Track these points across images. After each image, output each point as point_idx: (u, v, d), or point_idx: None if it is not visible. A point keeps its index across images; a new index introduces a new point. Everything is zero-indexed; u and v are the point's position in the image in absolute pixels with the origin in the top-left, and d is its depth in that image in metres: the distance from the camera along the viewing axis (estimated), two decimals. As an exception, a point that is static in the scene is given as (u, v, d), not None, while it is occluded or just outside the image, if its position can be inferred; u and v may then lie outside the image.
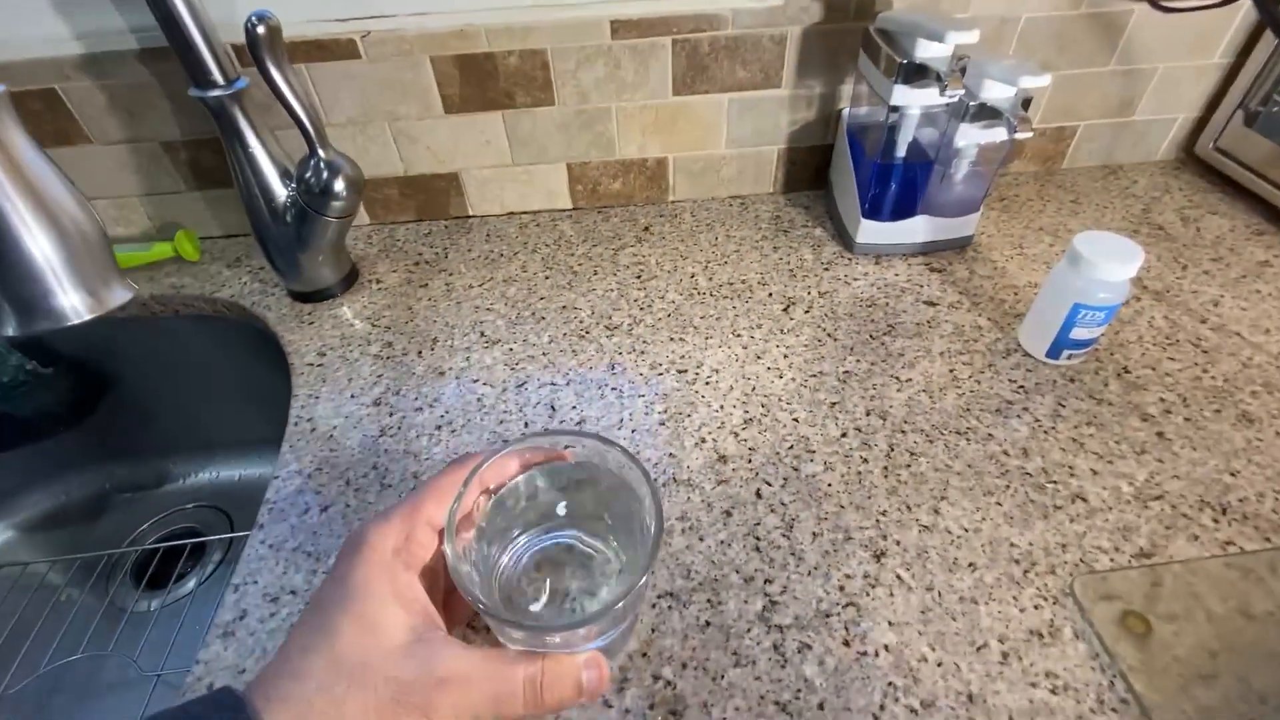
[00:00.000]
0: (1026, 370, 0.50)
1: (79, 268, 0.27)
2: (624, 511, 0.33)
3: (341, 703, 0.24)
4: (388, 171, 0.65)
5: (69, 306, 0.27)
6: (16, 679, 0.59)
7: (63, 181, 0.28)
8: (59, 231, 0.27)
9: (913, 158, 0.57)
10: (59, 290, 0.26)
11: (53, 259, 0.26)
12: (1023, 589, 0.37)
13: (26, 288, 0.26)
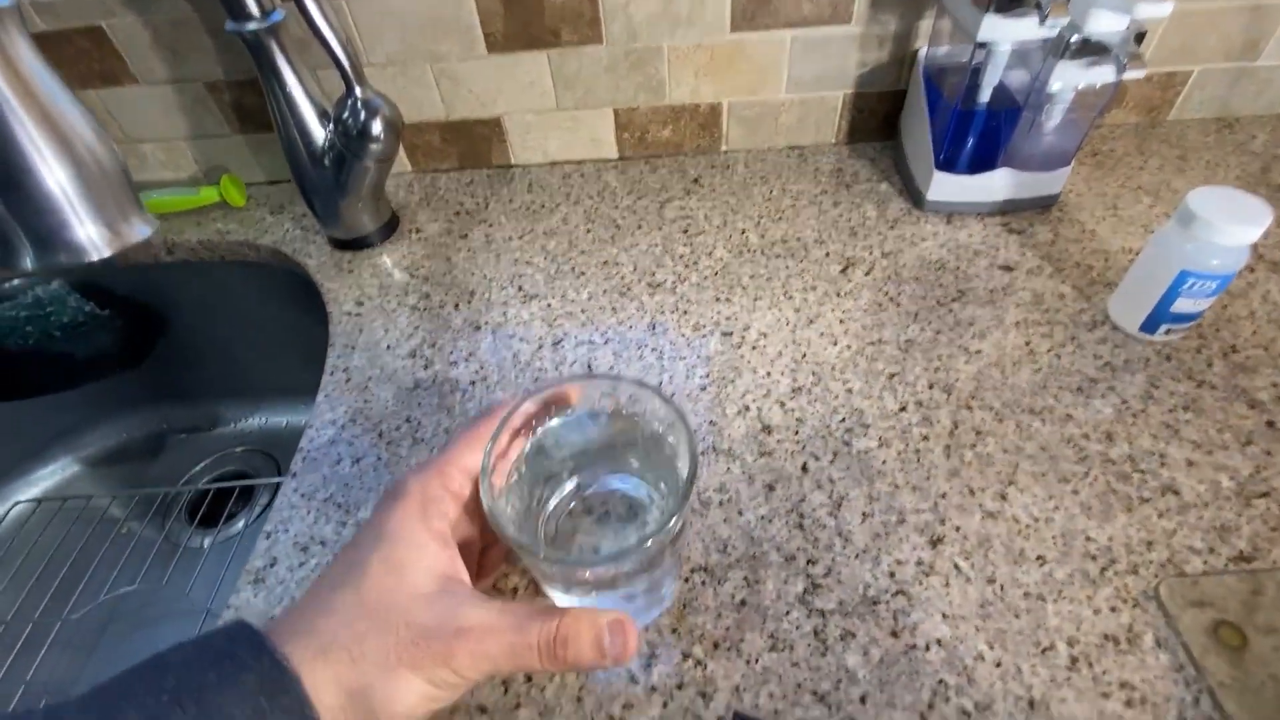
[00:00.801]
0: (1115, 346, 0.45)
1: (96, 199, 0.26)
2: (666, 459, 0.31)
3: (363, 639, 0.24)
4: (429, 115, 0.63)
5: (87, 240, 0.26)
6: (79, 605, 0.62)
7: (79, 109, 0.27)
8: (75, 160, 0.26)
9: (998, 103, 0.51)
10: (76, 222, 0.25)
11: (68, 189, 0.25)
12: (1098, 588, 0.33)
13: (42, 219, 0.25)
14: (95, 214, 0.26)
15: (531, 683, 0.32)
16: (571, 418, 0.32)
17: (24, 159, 0.24)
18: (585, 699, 0.31)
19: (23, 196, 0.25)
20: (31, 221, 0.25)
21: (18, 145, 0.24)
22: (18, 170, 0.24)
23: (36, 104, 0.24)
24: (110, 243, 0.26)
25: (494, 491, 0.28)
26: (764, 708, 0.30)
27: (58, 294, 0.64)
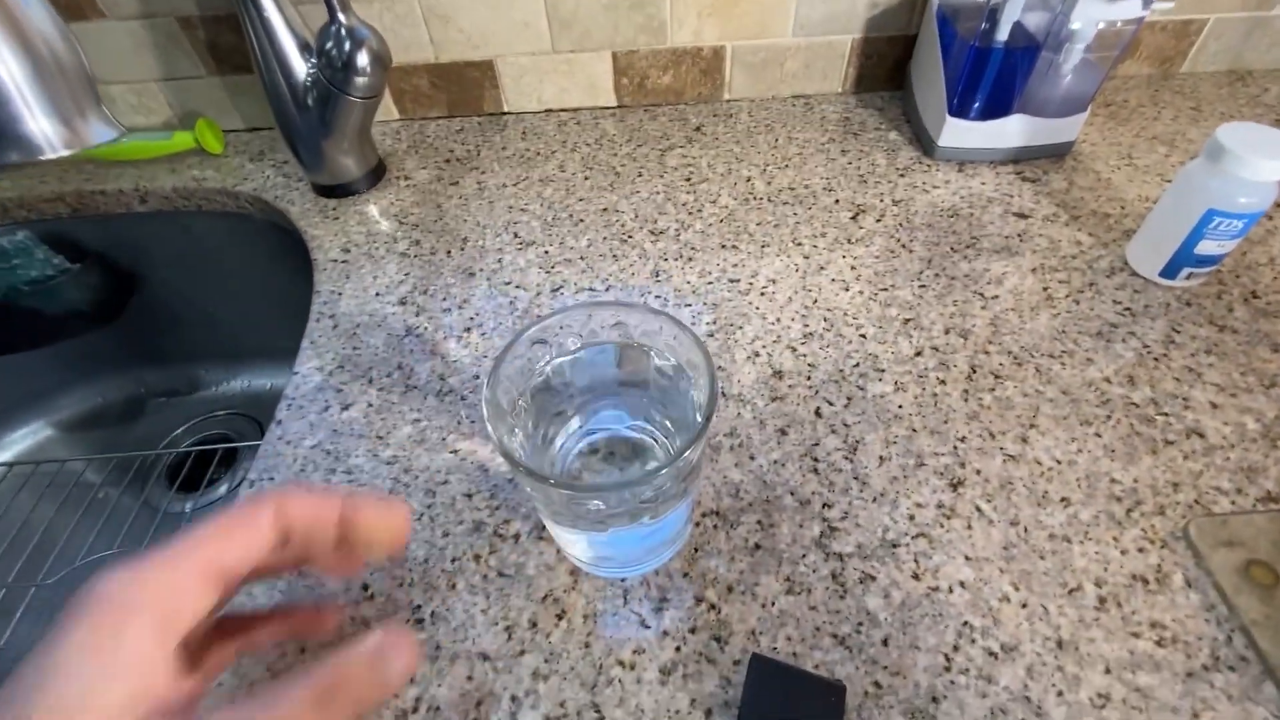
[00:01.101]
0: (1134, 291, 0.43)
1: (51, 94, 0.23)
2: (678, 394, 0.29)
3: None
4: (417, 57, 0.59)
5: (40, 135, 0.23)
6: (53, 571, 0.60)
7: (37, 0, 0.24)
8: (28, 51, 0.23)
9: (1015, 43, 0.49)
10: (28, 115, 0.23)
11: (19, 79, 0.22)
12: (1125, 529, 0.32)
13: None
14: (50, 109, 0.23)
15: (537, 628, 0.30)
16: (582, 354, 0.30)
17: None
18: (593, 644, 0.29)
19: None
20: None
21: (-43, 25, 0.21)
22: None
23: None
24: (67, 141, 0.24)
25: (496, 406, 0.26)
26: (782, 651, 0.29)
27: (24, 245, 0.61)
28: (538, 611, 0.31)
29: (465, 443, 0.37)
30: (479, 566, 0.32)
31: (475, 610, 0.31)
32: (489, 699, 0.28)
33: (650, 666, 0.29)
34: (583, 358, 0.30)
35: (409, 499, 0.35)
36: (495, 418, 0.25)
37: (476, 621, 0.30)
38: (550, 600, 0.31)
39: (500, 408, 0.26)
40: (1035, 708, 0.27)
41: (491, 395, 0.26)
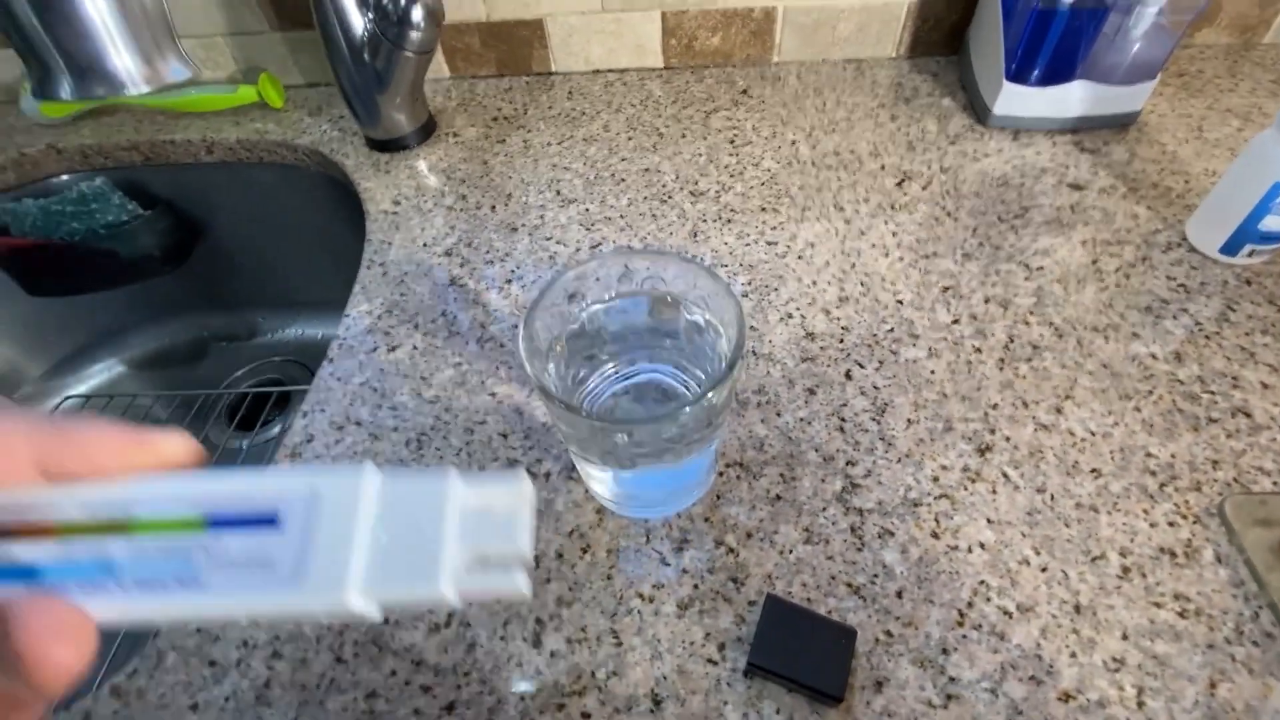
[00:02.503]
0: (1191, 267, 0.42)
1: (134, 33, 0.25)
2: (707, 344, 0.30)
3: None
4: (469, 15, 0.60)
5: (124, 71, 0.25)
6: (127, 491, 0.65)
7: (118, -61, 0.25)
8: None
9: (1082, 4, 0.47)
10: (113, 52, 0.24)
11: (106, 17, 0.24)
12: (1156, 503, 0.32)
13: (80, 46, 0.24)
14: (133, 47, 0.25)
15: (563, 559, 0.32)
16: (615, 302, 0.31)
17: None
18: (615, 578, 0.31)
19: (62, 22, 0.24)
20: (70, 49, 0.24)
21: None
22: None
23: (73, -79, 0.23)
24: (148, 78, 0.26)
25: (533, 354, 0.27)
26: (797, 595, 0.30)
27: (102, 190, 0.65)
28: (564, 545, 0.32)
29: (503, 387, 0.39)
30: (511, 501, 0.34)
31: (506, 540, 0.32)
32: (515, 619, 0.30)
33: (668, 601, 0.30)
34: (617, 305, 0.31)
35: (449, 437, 0.37)
36: (531, 354, 0.27)
37: (507, 550, 0.32)
38: (576, 535, 0.32)
39: (537, 347, 0.28)
40: (1046, 666, 0.27)
41: (528, 333, 0.27)
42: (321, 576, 0.14)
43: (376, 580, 0.14)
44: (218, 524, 0.15)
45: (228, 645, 0.30)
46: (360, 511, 0.15)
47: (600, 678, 0.28)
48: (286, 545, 0.15)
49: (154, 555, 0.15)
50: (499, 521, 0.15)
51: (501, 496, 0.16)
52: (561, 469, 0.35)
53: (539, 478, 0.35)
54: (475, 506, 0.15)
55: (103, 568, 0.14)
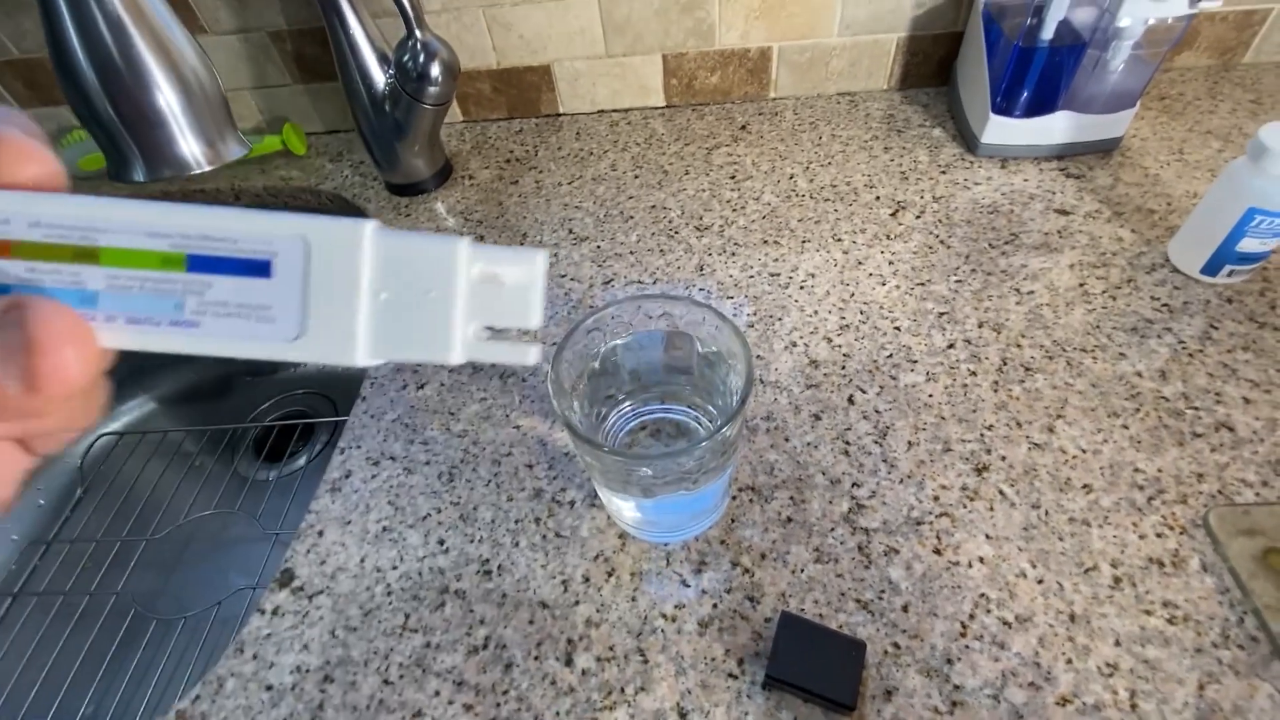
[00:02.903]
0: (1174, 288, 0.44)
1: (199, 119, 0.28)
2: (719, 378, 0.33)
3: None
4: (480, 63, 0.64)
5: (190, 155, 0.28)
6: (160, 527, 0.68)
7: (186, 35, 0.29)
8: (182, 82, 0.28)
9: (1060, 41, 0.50)
10: (181, 139, 0.27)
11: (176, 108, 0.27)
12: (1145, 516, 0.34)
13: (153, 135, 0.27)
14: (198, 132, 0.28)
15: (589, 583, 0.34)
16: (631, 339, 0.33)
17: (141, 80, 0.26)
18: (639, 599, 0.33)
19: (138, 114, 0.27)
20: (144, 137, 0.27)
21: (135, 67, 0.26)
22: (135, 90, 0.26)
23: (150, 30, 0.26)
24: (211, 159, 0.29)
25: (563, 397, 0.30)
26: (809, 612, 0.32)
27: (135, 238, 0.68)
28: (590, 569, 0.34)
29: (526, 419, 0.42)
30: (539, 528, 0.36)
31: (536, 565, 0.35)
32: (548, 640, 0.32)
33: (690, 620, 0.32)
34: (633, 344, 0.34)
35: (478, 468, 0.39)
36: (558, 394, 0.29)
37: (537, 575, 0.34)
38: (601, 559, 0.35)
39: (562, 386, 0.30)
40: (1044, 673, 0.29)
41: (555, 375, 0.30)
42: (326, 330, 0.14)
43: (383, 339, 0.14)
44: (201, 265, 0.14)
45: (282, 670, 0.33)
46: (362, 270, 0.14)
47: (629, 693, 0.30)
48: (283, 297, 0.14)
49: (136, 291, 0.13)
50: (511, 294, 0.15)
51: (514, 269, 0.15)
52: (585, 497, 0.37)
53: (564, 505, 0.37)
54: (486, 278, 0.14)
55: (82, 297, 0.13)
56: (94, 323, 0.13)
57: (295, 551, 0.37)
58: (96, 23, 0.26)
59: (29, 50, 0.65)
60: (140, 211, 0.13)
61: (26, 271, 0.13)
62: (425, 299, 0.14)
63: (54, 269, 0.13)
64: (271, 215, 0.14)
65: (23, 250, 0.13)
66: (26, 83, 0.67)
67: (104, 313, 0.13)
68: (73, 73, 0.26)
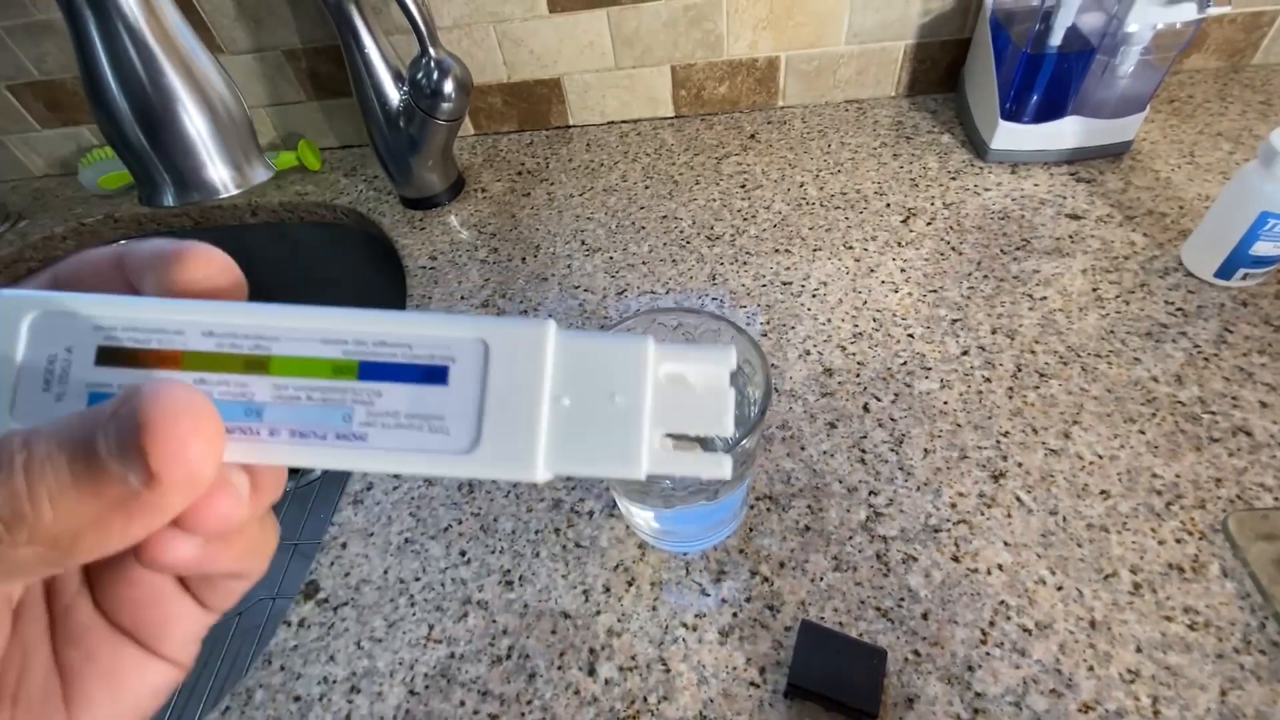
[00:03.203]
0: (1188, 291, 0.44)
1: (226, 144, 0.29)
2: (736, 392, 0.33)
3: None
4: (491, 78, 0.65)
5: (218, 180, 0.28)
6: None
7: (212, 61, 0.29)
8: (210, 109, 0.28)
9: (1069, 47, 0.50)
10: (209, 164, 0.28)
11: (204, 134, 0.28)
12: (1163, 521, 0.34)
13: (183, 161, 0.28)
14: (226, 157, 0.29)
15: (610, 593, 0.34)
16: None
17: (171, 107, 0.27)
18: (660, 608, 0.33)
19: (168, 141, 0.28)
20: (174, 163, 0.28)
21: (165, 95, 0.27)
22: (165, 117, 0.27)
23: (180, 58, 0.27)
24: (238, 183, 0.29)
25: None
26: (829, 620, 0.32)
27: (155, 254, 0.69)
28: (610, 578, 0.35)
29: (543, 431, 0.42)
30: (559, 538, 0.37)
31: (557, 575, 0.35)
32: (570, 650, 0.33)
33: (710, 629, 0.33)
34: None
35: (496, 480, 0.40)
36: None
37: (558, 585, 0.35)
38: (621, 569, 0.35)
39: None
40: (1066, 680, 0.29)
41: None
42: (504, 440, 0.13)
43: (565, 453, 0.13)
44: (373, 372, 0.13)
45: (309, 682, 0.33)
46: (544, 374, 0.13)
47: (652, 703, 0.31)
48: (458, 406, 0.13)
49: (303, 401, 0.13)
50: (700, 399, 0.14)
51: (703, 368, 0.14)
52: (603, 507, 0.38)
53: (583, 516, 0.38)
54: (673, 379, 0.14)
55: (247, 410, 0.13)
56: (258, 438, 0.13)
57: (319, 563, 0.38)
58: (128, 52, 0.26)
59: (50, 72, 0.66)
60: (317, 318, 0.13)
61: (194, 384, 0.13)
62: (610, 404, 0.13)
63: (222, 380, 0.13)
64: (450, 318, 0.13)
65: (193, 361, 0.13)
66: (48, 104, 0.69)
67: (268, 425, 0.13)
68: (105, 100, 0.27)
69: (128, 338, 0.13)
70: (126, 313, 0.13)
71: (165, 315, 0.13)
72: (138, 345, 0.13)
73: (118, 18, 0.24)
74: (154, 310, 0.13)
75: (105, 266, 0.14)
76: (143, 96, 0.26)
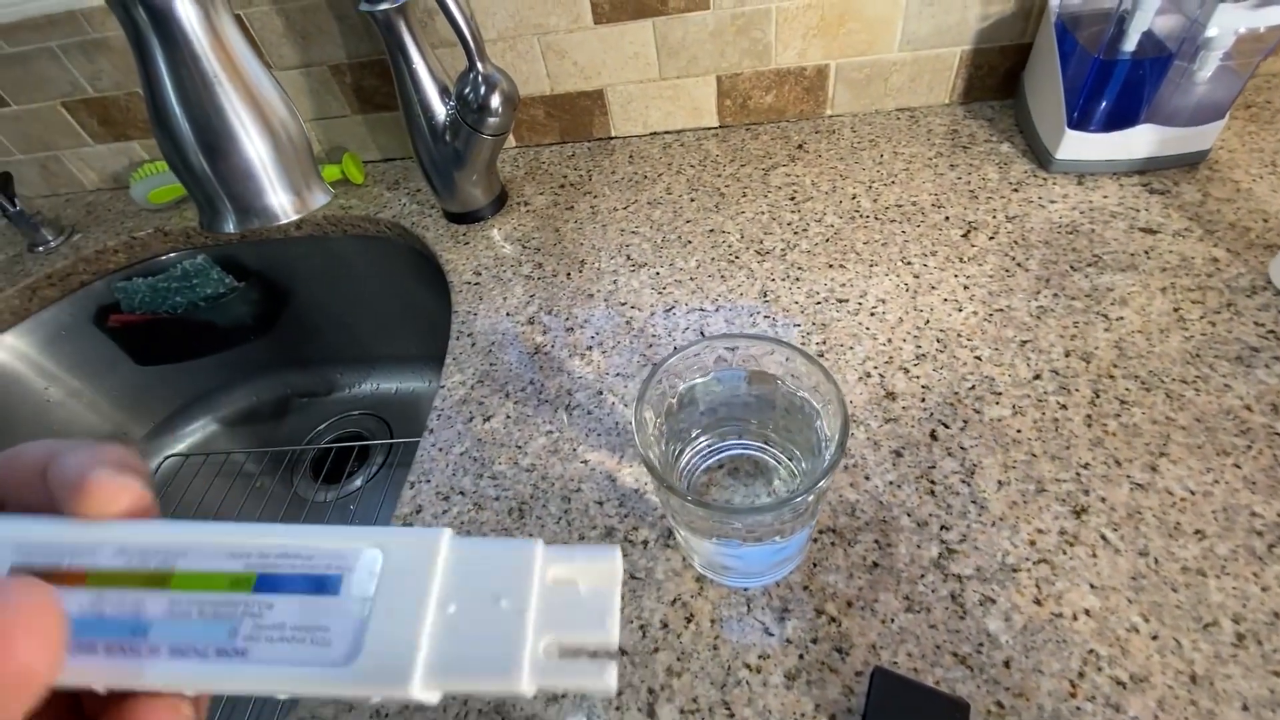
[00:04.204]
0: (1279, 312, 0.41)
1: (287, 169, 0.28)
2: (803, 421, 0.31)
3: None
4: (534, 90, 0.64)
5: (279, 206, 0.28)
6: (228, 547, 0.69)
7: (274, 85, 0.29)
8: (272, 134, 0.28)
9: (1143, 53, 0.47)
10: (270, 190, 0.28)
11: (266, 160, 0.28)
12: (1266, 565, 0.31)
13: (245, 186, 0.28)
14: (286, 182, 0.28)
15: (668, 629, 0.33)
16: (711, 378, 0.33)
17: (233, 133, 0.27)
18: (721, 647, 0.32)
19: (231, 167, 0.27)
20: (235, 189, 0.28)
21: (228, 120, 0.26)
22: (227, 142, 0.27)
23: (243, 82, 0.27)
24: (297, 208, 0.29)
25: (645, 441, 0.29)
26: (903, 666, 0.30)
27: (202, 267, 0.70)
28: (668, 614, 0.34)
29: (594, 454, 0.41)
30: (613, 569, 0.36)
31: (612, 609, 0.34)
32: (629, 690, 0.31)
33: (775, 671, 0.31)
34: (714, 384, 0.33)
35: (548, 505, 0.39)
36: (645, 445, 0.28)
37: (614, 620, 0.34)
38: (679, 604, 0.34)
39: (646, 435, 0.29)
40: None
41: (639, 420, 0.29)
42: (382, 659, 0.13)
43: (445, 667, 0.13)
44: (269, 584, 0.13)
45: (361, 714, 0.32)
46: (433, 582, 0.13)
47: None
48: (344, 617, 0.13)
49: (193, 617, 0.13)
50: (586, 604, 0.14)
51: (589, 573, 0.14)
52: (658, 536, 0.37)
53: (637, 545, 0.36)
54: (560, 582, 0.14)
55: (134, 627, 0.13)
56: (132, 655, 0.13)
57: (370, 589, 0.37)
58: (193, 79, 0.26)
59: (104, 89, 0.67)
60: (226, 534, 0.14)
61: (90, 603, 0.13)
62: (495, 608, 0.13)
63: (119, 597, 0.13)
64: (352, 529, 0.14)
65: (98, 579, 0.13)
66: (101, 120, 0.70)
67: (149, 644, 0.13)
68: (169, 126, 0.27)
69: (42, 558, 0.13)
70: (45, 534, 0.14)
71: (81, 536, 0.14)
72: (49, 566, 0.13)
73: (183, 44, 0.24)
74: (71, 531, 0.14)
75: (32, 477, 0.15)
76: (206, 123, 0.26)
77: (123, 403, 0.78)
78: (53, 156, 0.74)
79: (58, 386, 0.71)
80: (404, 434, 0.79)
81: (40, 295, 0.67)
